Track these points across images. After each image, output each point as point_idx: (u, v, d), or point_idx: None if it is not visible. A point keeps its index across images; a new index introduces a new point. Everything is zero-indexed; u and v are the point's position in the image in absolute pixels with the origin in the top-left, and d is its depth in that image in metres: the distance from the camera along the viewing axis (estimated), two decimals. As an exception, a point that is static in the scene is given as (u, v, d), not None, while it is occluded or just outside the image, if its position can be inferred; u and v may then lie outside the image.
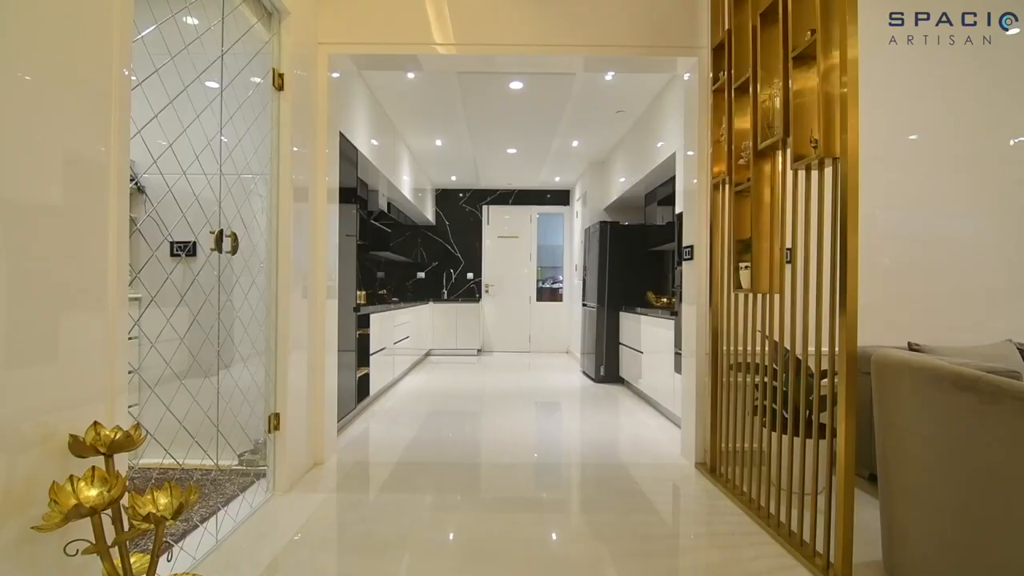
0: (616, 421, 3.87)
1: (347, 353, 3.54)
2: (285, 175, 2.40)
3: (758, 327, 2.30)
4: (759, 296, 2.29)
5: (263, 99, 2.36)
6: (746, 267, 2.31)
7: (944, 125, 2.89)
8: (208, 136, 1.97)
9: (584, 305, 6.18)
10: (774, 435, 2.22)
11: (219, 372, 2.03)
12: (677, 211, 3.78)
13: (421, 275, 8.06)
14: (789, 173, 2.06)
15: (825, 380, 1.84)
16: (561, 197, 8.20)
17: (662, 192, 4.93)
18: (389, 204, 6.04)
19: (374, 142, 4.52)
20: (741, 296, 2.44)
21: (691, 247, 2.90)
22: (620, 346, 5.32)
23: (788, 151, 2.07)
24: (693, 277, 2.87)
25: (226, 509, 2.06)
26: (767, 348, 2.19)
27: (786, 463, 2.13)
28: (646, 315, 4.42)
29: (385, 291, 6.58)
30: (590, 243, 5.95)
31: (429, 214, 7.61)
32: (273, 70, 2.36)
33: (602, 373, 5.40)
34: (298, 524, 2.10)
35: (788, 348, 2.05)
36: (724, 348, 2.61)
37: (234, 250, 1.93)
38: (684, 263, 3.00)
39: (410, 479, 2.63)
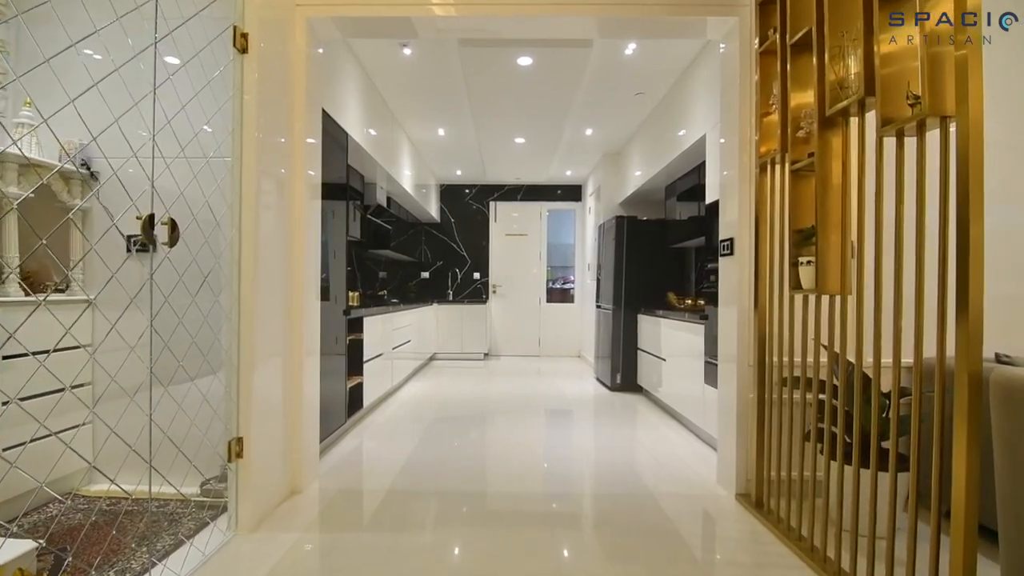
0: (638, 437, 3.45)
1: (336, 362, 3.16)
2: (250, 154, 2.01)
3: (822, 336, 1.88)
4: (824, 298, 1.87)
5: (221, 62, 1.97)
6: (808, 262, 1.88)
7: None
8: (169, 114, 1.60)
9: (598, 307, 5.76)
10: (835, 465, 1.80)
11: (151, 388, 1.63)
12: (709, 201, 3.36)
13: (425, 275, 7.67)
14: (870, 142, 1.64)
15: (898, 400, 1.42)
16: (572, 192, 7.78)
17: (683, 185, 4.49)
18: (389, 199, 5.66)
19: (372, 132, 4.13)
20: (799, 298, 2.02)
21: (731, 240, 2.48)
22: (638, 352, 4.89)
23: (869, 115, 1.66)
24: (733, 275, 2.45)
25: (166, 562, 1.68)
26: (838, 362, 1.77)
27: (866, 500, 1.71)
28: (668, 318, 4.00)
29: (386, 292, 6.20)
30: (604, 240, 5.53)
31: (433, 211, 7.23)
32: (235, 28, 1.98)
33: (618, 381, 4.97)
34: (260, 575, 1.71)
35: (852, 362, 1.64)
36: (774, 359, 2.19)
37: (173, 242, 1.55)
38: (721, 259, 2.58)
39: (403, 512, 2.23)
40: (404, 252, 6.51)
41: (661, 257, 5.00)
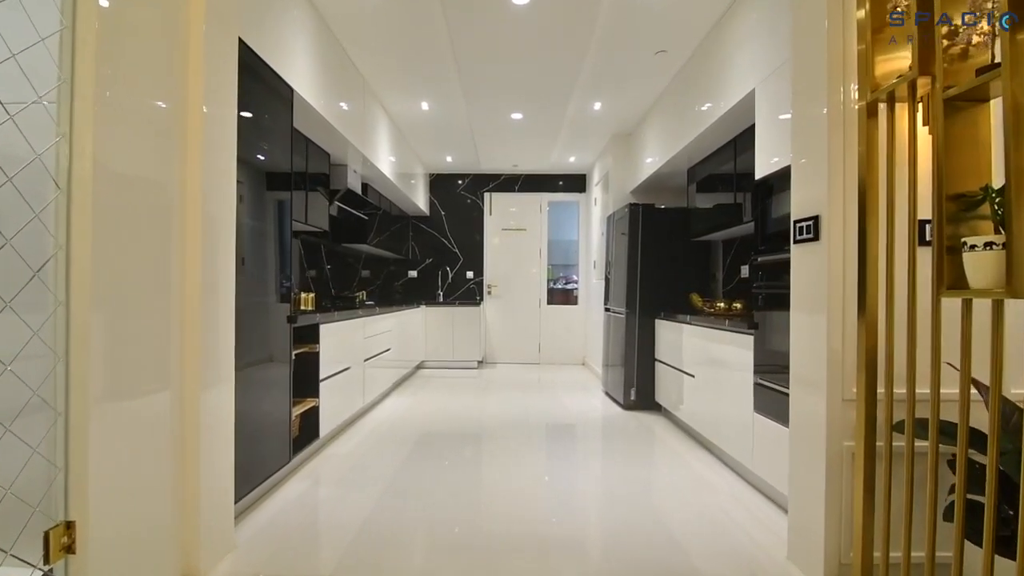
0: (665, 478, 2.72)
1: (276, 384, 2.42)
2: (87, 82, 1.28)
3: (1009, 362, 1.16)
4: (1010, 303, 1.14)
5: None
6: (986, 246, 1.15)
7: None
8: None
9: (607, 310, 5.03)
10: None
11: None
12: (761, 175, 2.62)
13: (413, 274, 6.93)
14: None
15: None
16: (576, 183, 7.05)
17: (711, 167, 3.77)
18: (366, 186, 4.92)
19: (344, 106, 3.42)
20: (950, 303, 1.29)
21: (814, 220, 1.75)
22: (656, 363, 4.16)
23: None
24: (817, 269, 1.73)
25: None
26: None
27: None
28: (696, 325, 3.27)
29: (364, 293, 5.45)
30: (614, 232, 4.80)
31: (421, 203, 6.49)
32: None
33: (632, 398, 4.24)
34: None
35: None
36: (894, 392, 1.47)
37: None
38: (795, 248, 1.86)
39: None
40: (388, 248, 5.77)
41: (682, 252, 4.27)
